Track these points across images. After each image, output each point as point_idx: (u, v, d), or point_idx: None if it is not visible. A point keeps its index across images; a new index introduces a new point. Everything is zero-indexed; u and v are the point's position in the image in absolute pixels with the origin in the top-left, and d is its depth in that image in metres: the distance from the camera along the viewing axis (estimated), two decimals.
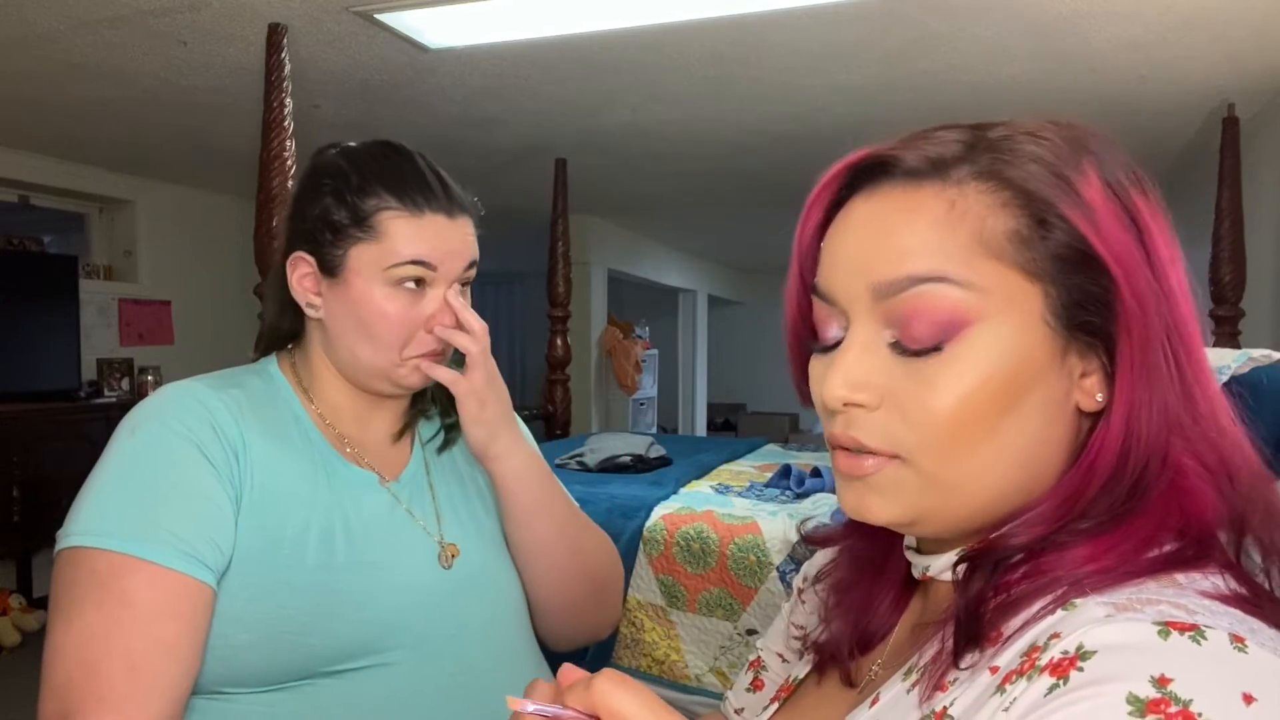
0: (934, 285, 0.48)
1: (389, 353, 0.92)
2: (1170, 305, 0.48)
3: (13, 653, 3.64)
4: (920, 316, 0.48)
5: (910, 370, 0.49)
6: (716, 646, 2.66)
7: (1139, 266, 0.48)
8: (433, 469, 1.03)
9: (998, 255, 0.48)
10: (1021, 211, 0.48)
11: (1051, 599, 0.45)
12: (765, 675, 0.75)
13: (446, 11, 2.38)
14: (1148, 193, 0.51)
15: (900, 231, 0.49)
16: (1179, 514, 0.47)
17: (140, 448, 0.84)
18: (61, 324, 3.97)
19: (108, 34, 2.55)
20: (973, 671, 0.46)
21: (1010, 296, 0.48)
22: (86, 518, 0.80)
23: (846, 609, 0.62)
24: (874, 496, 0.51)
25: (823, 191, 0.55)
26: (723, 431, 9.66)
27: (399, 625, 0.89)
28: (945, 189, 0.49)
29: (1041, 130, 0.51)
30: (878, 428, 0.50)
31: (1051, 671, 0.41)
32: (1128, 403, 0.48)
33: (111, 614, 0.75)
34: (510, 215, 5.47)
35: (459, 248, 0.94)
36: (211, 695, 0.83)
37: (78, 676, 0.73)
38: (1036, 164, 0.49)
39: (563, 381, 3.87)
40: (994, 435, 0.48)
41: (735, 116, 3.47)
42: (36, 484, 3.63)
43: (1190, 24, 2.49)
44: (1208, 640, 0.40)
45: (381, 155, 0.95)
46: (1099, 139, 0.52)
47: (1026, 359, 0.48)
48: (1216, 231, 3.06)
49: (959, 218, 0.48)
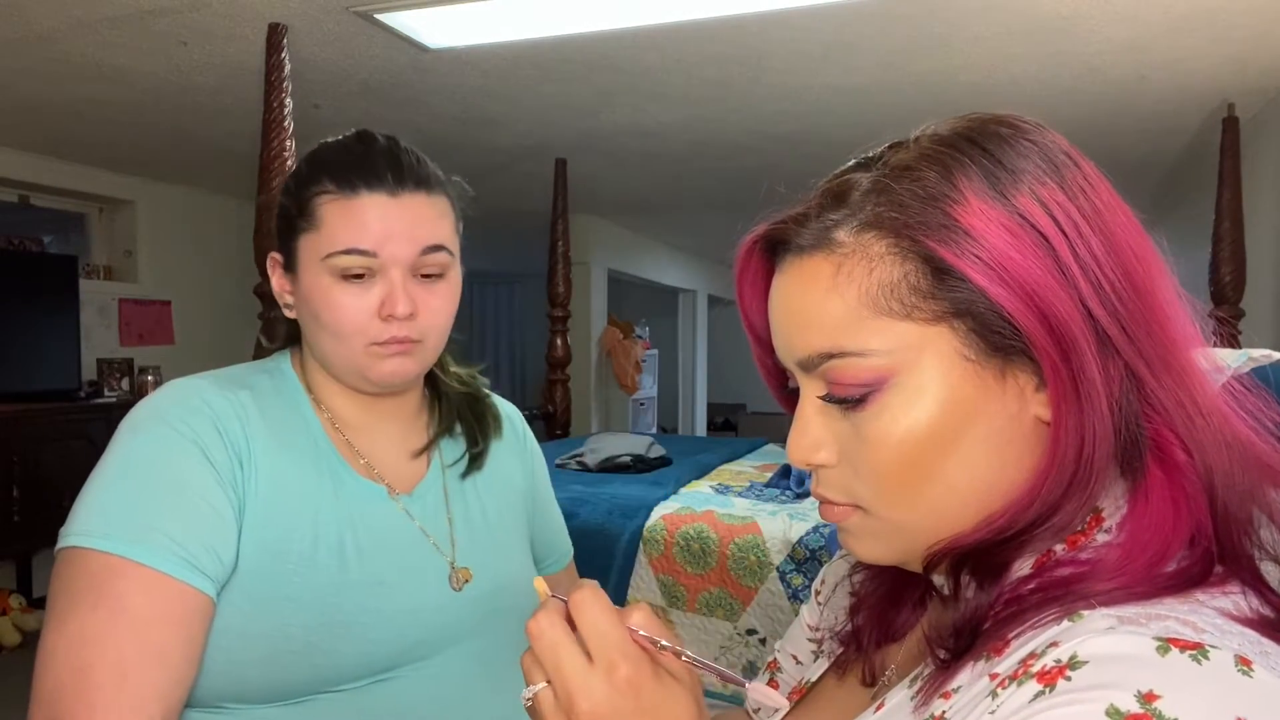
0: (837, 360, 0.49)
1: (348, 344, 0.87)
2: (1116, 279, 0.46)
3: (13, 653, 3.64)
4: (838, 384, 0.49)
5: (853, 426, 0.50)
6: (716, 646, 2.66)
7: (1043, 276, 0.45)
8: (452, 492, 0.99)
9: (887, 312, 0.47)
10: (899, 259, 0.47)
11: (1060, 610, 0.44)
12: (780, 676, 0.75)
13: (446, 11, 2.38)
14: (1066, 176, 0.48)
15: (801, 308, 0.50)
16: (1186, 516, 0.46)
17: (142, 447, 0.82)
18: (61, 324, 3.97)
19: (108, 34, 2.55)
20: (975, 679, 0.46)
21: (914, 346, 0.47)
22: (86, 517, 0.78)
23: (875, 600, 0.63)
24: (855, 542, 0.53)
25: (744, 269, 0.56)
26: (723, 431, 9.66)
27: (404, 647, 0.87)
28: (831, 254, 0.49)
29: (916, 161, 0.49)
30: (836, 483, 0.52)
31: (1040, 679, 0.40)
32: (1061, 417, 0.46)
33: (106, 618, 0.74)
34: (510, 215, 5.47)
35: (403, 229, 0.86)
36: (212, 710, 0.82)
37: (68, 682, 0.72)
38: (900, 205, 0.48)
39: (563, 381, 3.87)
40: (938, 478, 0.48)
41: (735, 116, 3.47)
42: (36, 484, 3.63)
43: (1190, 24, 2.49)
44: (1209, 660, 0.38)
45: (340, 144, 0.91)
46: (996, 133, 0.49)
47: (951, 401, 0.47)
48: (1216, 231, 3.06)
49: (845, 280, 0.48)
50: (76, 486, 0.82)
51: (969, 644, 0.48)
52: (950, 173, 0.47)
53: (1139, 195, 4.07)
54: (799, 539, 2.60)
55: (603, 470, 3.36)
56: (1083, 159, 0.50)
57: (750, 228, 0.56)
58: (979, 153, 0.48)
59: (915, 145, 0.50)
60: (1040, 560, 0.49)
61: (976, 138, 0.49)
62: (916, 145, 0.50)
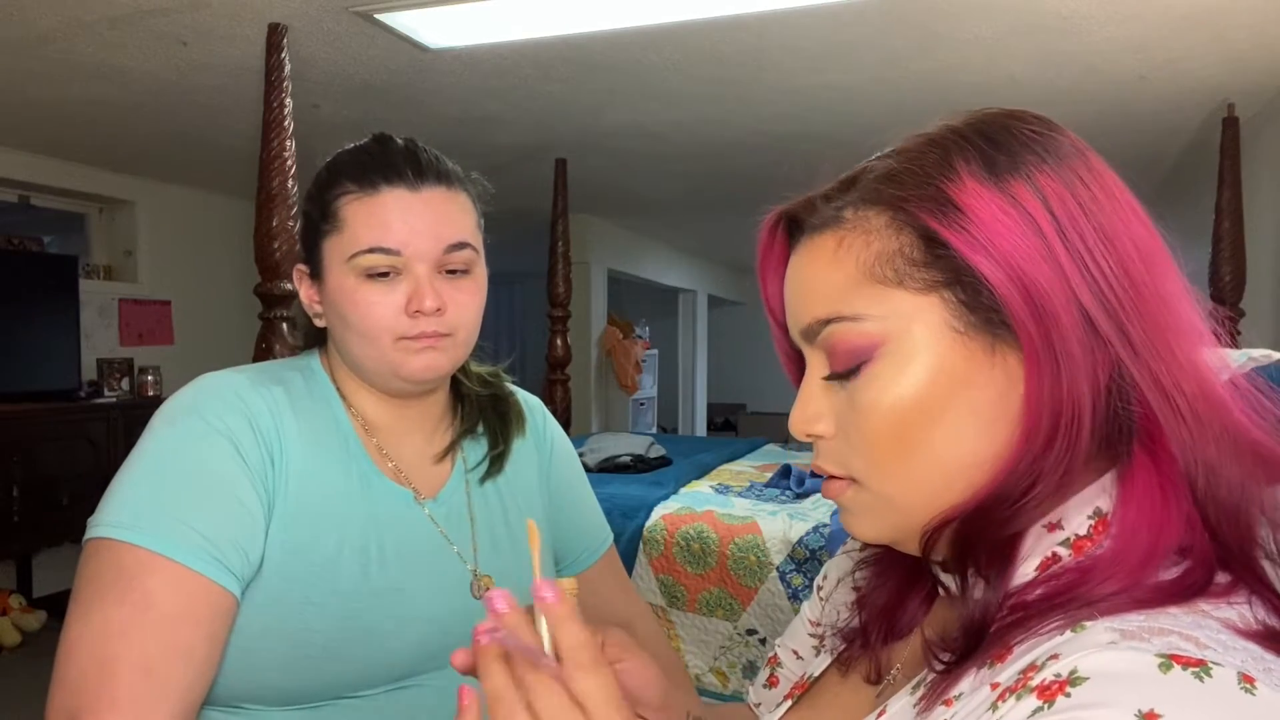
0: (835, 325, 0.51)
1: (378, 343, 0.87)
2: (1109, 268, 0.47)
3: (13, 652, 3.64)
4: (835, 351, 0.52)
5: (848, 397, 0.52)
6: (716, 646, 2.66)
7: (1029, 253, 0.47)
8: (474, 496, 0.98)
9: (881, 280, 0.50)
10: (895, 232, 0.50)
11: (1063, 618, 0.44)
12: (780, 672, 0.75)
13: (446, 11, 2.38)
14: (1066, 167, 0.49)
15: (806, 280, 0.54)
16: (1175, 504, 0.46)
17: (176, 441, 0.81)
18: (61, 324, 3.97)
19: (108, 34, 2.55)
20: (977, 687, 0.46)
21: (906, 314, 0.49)
22: (116, 508, 0.78)
23: (881, 595, 0.63)
24: (852, 519, 0.55)
25: (766, 254, 0.59)
26: (723, 431, 9.66)
27: (424, 654, 0.87)
28: (836, 230, 0.52)
29: (921, 145, 0.51)
30: (833, 454, 0.54)
31: (1039, 694, 0.40)
32: (1032, 385, 0.47)
33: (132, 612, 0.74)
34: (510, 215, 5.47)
35: (426, 225, 0.86)
36: (229, 709, 0.82)
37: (92, 674, 0.72)
38: (899, 182, 0.50)
39: (563, 381, 3.87)
40: (924, 449, 0.49)
41: (735, 116, 3.47)
42: (36, 484, 3.63)
43: (1190, 24, 2.49)
44: (1212, 678, 0.38)
45: (358, 147, 0.91)
46: (1003, 124, 0.51)
47: (939, 370, 0.49)
48: (1216, 231, 3.06)
49: (845, 253, 0.51)
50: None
51: (976, 643, 0.47)
52: (949, 155, 0.50)
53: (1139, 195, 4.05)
54: (799, 539, 2.60)
55: (602, 470, 3.36)
56: (1091, 153, 0.51)
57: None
58: (981, 139, 0.50)
59: (924, 133, 0.53)
60: (1045, 562, 0.49)
61: (982, 127, 0.51)
62: (925, 133, 0.52)
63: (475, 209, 0.94)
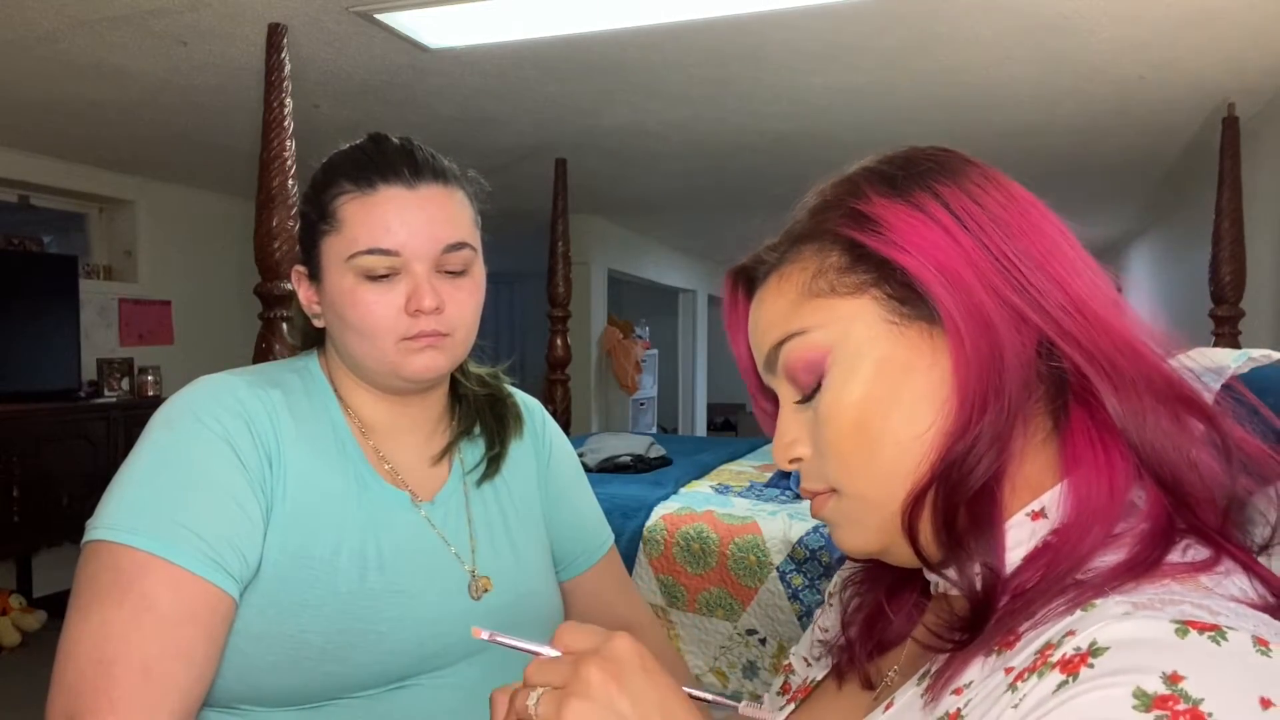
0: (787, 344, 0.56)
1: (378, 343, 0.87)
2: (1010, 250, 0.51)
3: (13, 652, 3.64)
4: (794, 370, 0.56)
5: (814, 414, 0.55)
6: (716, 646, 2.66)
7: (938, 242, 0.52)
8: (472, 497, 0.98)
9: (818, 294, 0.55)
10: (823, 253, 0.56)
11: (1069, 599, 0.45)
12: (793, 679, 0.76)
13: (446, 11, 2.38)
14: (964, 179, 0.54)
15: (760, 318, 0.59)
16: (1116, 450, 0.49)
17: (174, 443, 0.82)
18: (61, 324, 3.97)
19: (108, 34, 2.55)
20: (987, 674, 0.46)
21: (845, 318, 0.54)
22: (115, 511, 0.78)
23: (865, 611, 0.64)
24: (839, 532, 0.57)
25: (730, 311, 0.64)
26: (723, 431, 9.66)
27: (423, 656, 0.87)
28: (779, 270, 0.58)
29: (835, 185, 0.58)
30: (813, 472, 0.57)
31: (1062, 668, 0.41)
32: (960, 358, 0.51)
33: (131, 614, 0.74)
34: (510, 215, 5.47)
35: (424, 224, 0.86)
36: (228, 710, 0.82)
37: (91, 676, 0.72)
38: (819, 213, 0.57)
39: (563, 381, 3.87)
40: (886, 438, 0.53)
41: (735, 116, 3.47)
42: (36, 484, 3.63)
43: (1190, 24, 2.49)
44: (1228, 641, 0.39)
45: (354, 147, 0.91)
46: (906, 155, 0.57)
47: (884, 360, 0.53)
48: (1216, 231, 3.06)
49: (786, 284, 0.57)
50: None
51: (984, 618, 0.48)
52: (857, 184, 0.56)
53: (1139, 195, 4.07)
54: (799, 539, 2.60)
55: (602, 470, 3.36)
56: (988, 167, 0.56)
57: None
58: (885, 165, 0.57)
59: (840, 174, 0.59)
60: (1033, 553, 0.50)
61: (886, 158, 0.57)
62: (840, 174, 0.59)
63: (472, 206, 0.94)
